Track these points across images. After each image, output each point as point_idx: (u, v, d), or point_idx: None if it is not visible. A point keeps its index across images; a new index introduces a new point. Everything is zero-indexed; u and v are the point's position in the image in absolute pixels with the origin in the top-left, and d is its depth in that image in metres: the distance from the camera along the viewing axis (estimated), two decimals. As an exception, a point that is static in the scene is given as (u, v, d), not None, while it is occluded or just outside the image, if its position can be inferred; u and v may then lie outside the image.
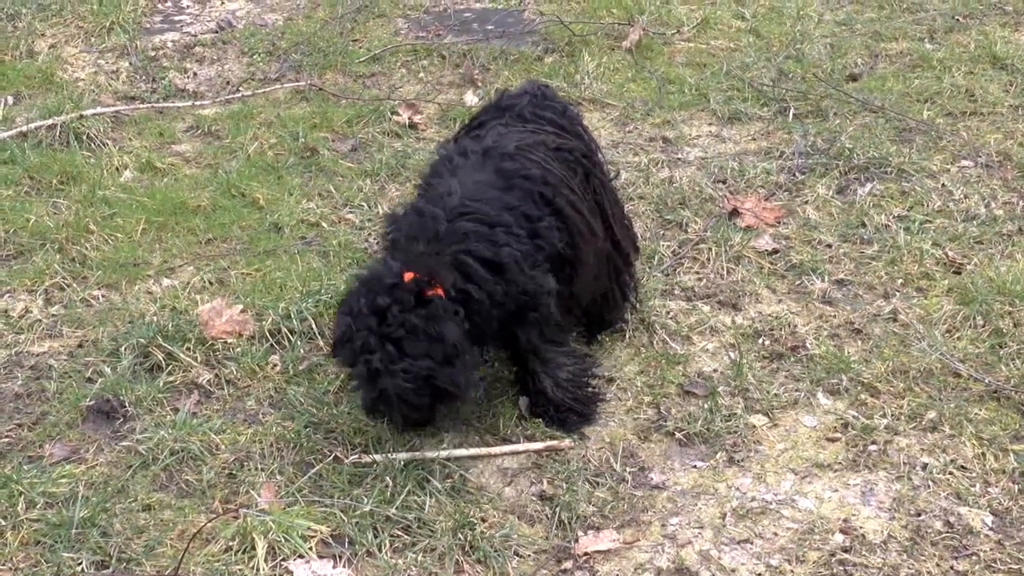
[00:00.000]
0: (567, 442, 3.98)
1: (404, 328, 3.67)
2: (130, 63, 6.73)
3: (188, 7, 7.44)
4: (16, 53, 6.78)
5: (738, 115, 6.09)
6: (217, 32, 7.08)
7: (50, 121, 5.90)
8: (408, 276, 3.69)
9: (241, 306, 4.54)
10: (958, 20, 7.05)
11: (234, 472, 3.87)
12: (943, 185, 5.34)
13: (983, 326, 4.43)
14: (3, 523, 3.62)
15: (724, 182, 5.47)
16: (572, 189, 4.12)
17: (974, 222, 5.08)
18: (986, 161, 5.53)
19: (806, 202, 5.28)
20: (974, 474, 3.82)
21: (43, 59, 6.72)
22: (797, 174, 5.48)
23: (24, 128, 5.87)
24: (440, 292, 3.73)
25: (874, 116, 5.96)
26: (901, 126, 5.86)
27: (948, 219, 5.10)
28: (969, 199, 5.23)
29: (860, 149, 5.54)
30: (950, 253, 4.85)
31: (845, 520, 3.67)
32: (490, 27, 7.10)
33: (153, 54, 6.84)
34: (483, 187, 3.95)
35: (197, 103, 6.36)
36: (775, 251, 4.95)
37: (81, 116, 5.95)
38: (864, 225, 5.09)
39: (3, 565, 3.49)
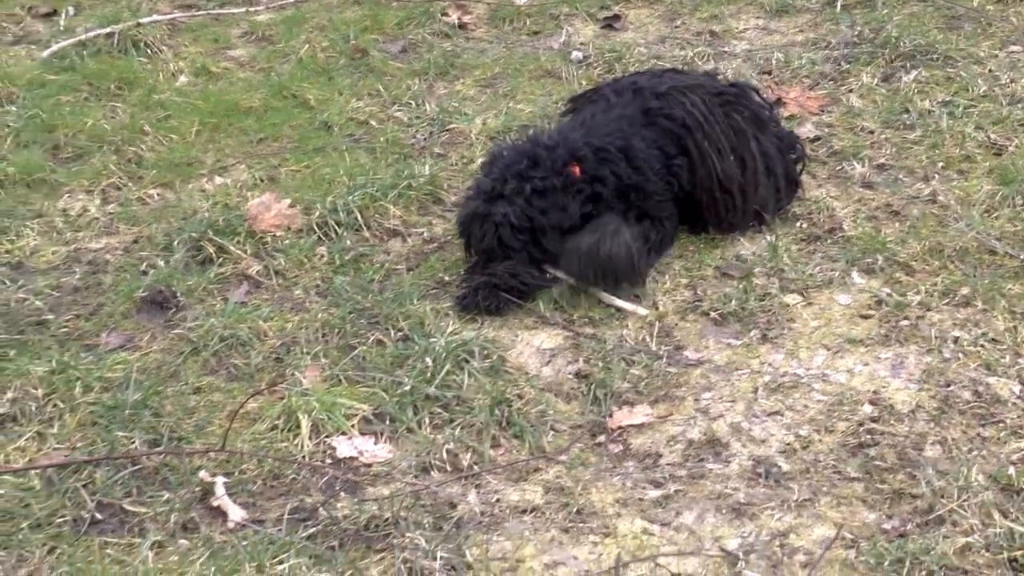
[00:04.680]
0: (643, 311, 4.16)
1: (546, 183, 4.20)
2: (187, -29, 6.85)
3: (244, -83, 7.51)
4: (76, -35, 6.91)
5: (786, 7, 6.10)
6: (272, -61, 7.15)
7: (108, 29, 6.04)
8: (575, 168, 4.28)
9: (289, 200, 4.66)
10: (1010, -96, 6.98)
11: (281, 356, 4.00)
12: (989, 70, 5.34)
13: (1022, 205, 4.45)
14: (62, 406, 3.77)
15: (769, 73, 5.51)
16: (708, 135, 4.44)
17: (1019, 106, 5.08)
18: (1035, 45, 5.53)
19: (850, 90, 5.30)
20: (1004, 346, 3.86)
21: (102, -29, 6.84)
22: (842, 63, 5.50)
23: (83, 37, 6.02)
24: (577, 171, 4.26)
25: (923, 5, 5.96)
26: (950, 14, 5.85)
27: (993, 103, 5.11)
28: (1016, 83, 5.23)
29: (907, 37, 5.54)
30: (992, 136, 4.87)
31: (875, 392, 3.73)
32: (541, -74, 7.11)
33: (209, -39, 6.95)
34: (626, 122, 4.40)
35: (252, 9, 6.47)
36: (817, 138, 4.99)
37: (138, 24, 6.09)
38: (908, 111, 5.10)
39: (61, 444, 3.65)
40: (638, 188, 4.32)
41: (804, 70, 5.48)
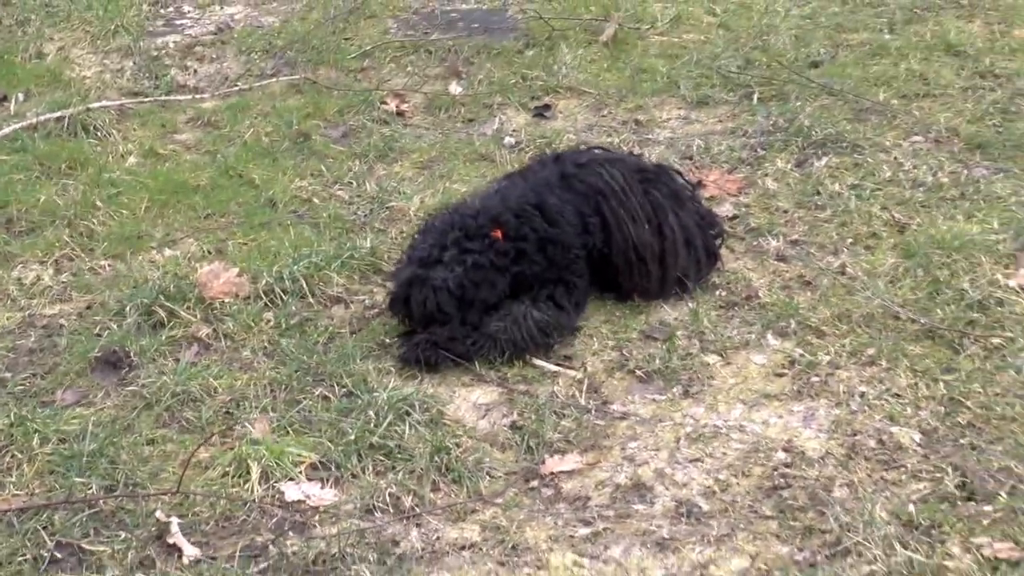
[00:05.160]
0: (573, 373, 4.43)
1: (481, 258, 4.48)
2: (134, 62, 7.13)
3: (189, 11, 7.85)
4: (26, 55, 7.17)
5: (706, 100, 6.47)
6: (216, 33, 7.48)
7: (58, 114, 6.29)
8: (497, 233, 4.56)
9: (237, 269, 4.90)
10: (916, 12, 7.42)
11: (231, 411, 4.22)
12: (895, 158, 5.71)
13: (923, 276, 4.78)
14: (20, 456, 3.97)
15: (691, 158, 5.85)
16: (623, 203, 4.76)
17: (921, 189, 5.44)
18: (936, 136, 5.90)
19: (766, 174, 5.65)
20: (906, 400, 4.17)
21: (51, 60, 7.11)
22: (759, 150, 5.86)
23: (34, 120, 6.25)
24: (500, 235, 4.54)
25: (833, 99, 6.33)
26: (858, 107, 6.24)
27: (897, 187, 5.47)
28: (918, 169, 5.59)
29: (818, 127, 5.91)
30: (896, 215, 5.22)
31: (788, 441, 4.02)
32: (475, 25, 7.50)
33: (156, 54, 7.24)
34: (543, 184, 4.78)
35: (197, 97, 6.75)
36: (735, 216, 5.32)
37: (88, 109, 6.34)
38: (819, 193, 5.45)
39: (20, 491, 3.85)
40: (555, 241, 4.61)
41: (723, 156, 5.83)
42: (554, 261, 4.62)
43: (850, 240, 5.10)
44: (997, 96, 6.28)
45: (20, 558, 3.56)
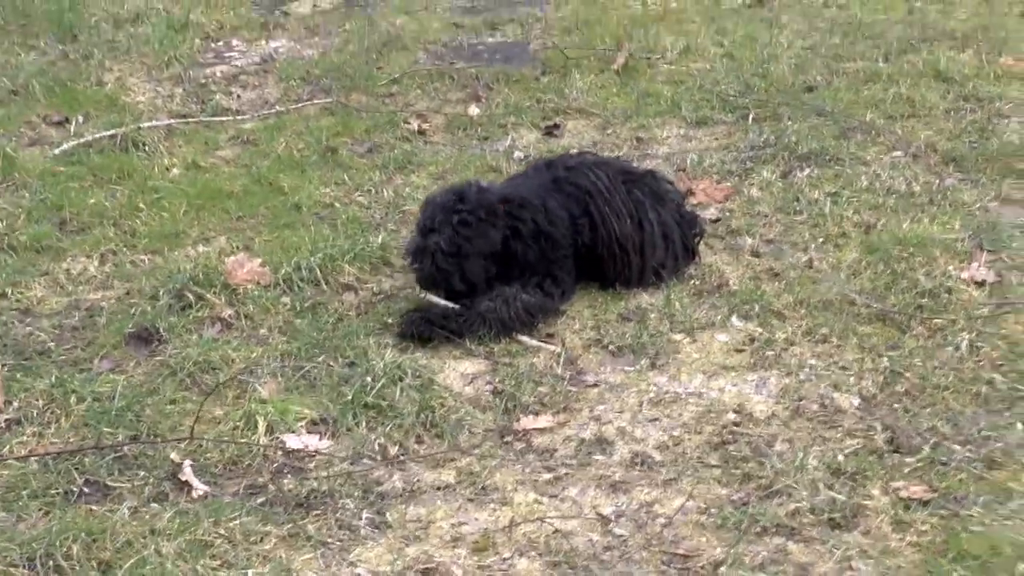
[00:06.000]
0: (553, 347, 4.91)
1: (470, 216, 5.02)
2: (183, 89, 7.74)
3: (237, 45, 8.48)
4: (87, 83, 7.78)
5: (705, 120, 6.99)
6: (260, 64, 8.10)
7: (112, 132, 6.88)
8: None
9: (261, 260, 5.43)
10: (912, 44, 7.92)
11: (244, 378, 4.73)
12: (873, 170, 6.17)
13: (882, 269, 5.23)
14: (58, 411, 4.46)
15: (684, 170, 6.34)
16: (608, 201, 5.26)
17: (893, 196, 5.90)
18: (914, 151, 6.36)
19: (752, 184, 6.13)
20: (851, 372, 4.60)
21: (110, 87, 7.71)
22: (748, 163, 6.34)
23: (90, 138, 6.85)
24: (503, 207, 5.11)
25: (823, 119, 6.81)
26: (845, 126, 6.71)
27: (872, 194, 5.92)
28: (893, 179, 6.05)
29: (804, 143, 6.40)
30: (865, 217, 5.67)
31: (739, 404, 4.47)
32: (497, 55, 8.09)
33: (204, 81, 7.85)
34: (541, 188, 5.30)
35: (239, 118, 7.34)
36: (718, 219, 5.79)
37: (139, 128, 6.93)
38: (798, 200, 5.92)
39: (57, 439, 4.37)
40: (549, 236, 5.12)
41: (714, 168, 6.31)
42: (545, 254, 5.12)
43: (821, 240, 5.56)
44: (977, 117, 6.74)
45: (53, 491, 4.06)
